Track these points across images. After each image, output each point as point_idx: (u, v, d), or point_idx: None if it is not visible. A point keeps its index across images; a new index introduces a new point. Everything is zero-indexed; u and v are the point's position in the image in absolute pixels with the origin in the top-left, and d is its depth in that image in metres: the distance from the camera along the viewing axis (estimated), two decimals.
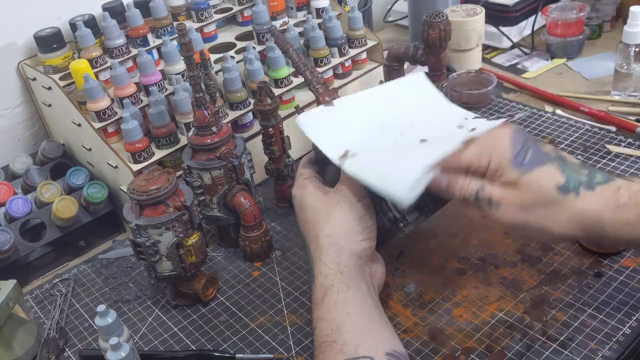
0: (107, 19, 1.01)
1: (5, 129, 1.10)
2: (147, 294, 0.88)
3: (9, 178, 1.04)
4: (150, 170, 0.79)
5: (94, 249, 0.99)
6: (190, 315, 0.83)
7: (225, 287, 0.87)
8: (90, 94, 0.94)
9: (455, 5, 1.28)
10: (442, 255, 0.86)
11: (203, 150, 0.86)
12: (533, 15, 1.38)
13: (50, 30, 1.02)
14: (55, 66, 1.01)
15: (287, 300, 0.83)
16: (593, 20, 1.36)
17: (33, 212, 0.96)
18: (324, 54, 1.11)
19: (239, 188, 0.89)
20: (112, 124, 0.97)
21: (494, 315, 0.76)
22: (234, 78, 1.00)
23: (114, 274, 0.93)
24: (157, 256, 0.78)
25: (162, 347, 0.79)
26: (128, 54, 1.03)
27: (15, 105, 1.09)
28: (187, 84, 0.96)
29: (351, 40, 1.15)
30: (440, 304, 0.79)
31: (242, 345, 0.78)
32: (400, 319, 0.78)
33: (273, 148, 0.95)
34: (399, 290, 0.82)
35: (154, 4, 1.05)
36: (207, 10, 1.12)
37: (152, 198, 0.75)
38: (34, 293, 0.91)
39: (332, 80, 1.14)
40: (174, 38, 1.05)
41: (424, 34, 0.98)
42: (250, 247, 0.89)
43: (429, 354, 0.73)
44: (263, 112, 0.92)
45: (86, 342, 0.82)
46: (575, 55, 1.32)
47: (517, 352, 0.71)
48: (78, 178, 1.00)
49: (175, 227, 0.77)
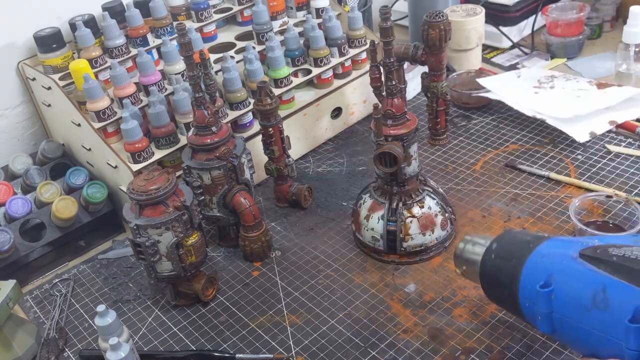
0: (107, 19, 1.01)
1: (5, 129, 1.10)
2: (147, 294, 0.88)
3: (8, 178, 1.04)
4: (150, 170, 0.79)
5: (93, 249, 0.99)
6: (190, 315, 0.83)
7: (225, 287, 0.87)
8: (90, 94, 0.94)
9: (455, 5, 1.28)
10: (442, 255, 0.87)
11: (203, 150, 0.86)
12: (533, 15, 1.38)
13: (50, 30, 1.02)
14: (55, 66, 1.01)
15: (286, 300, 0.83)
16: (593, 20, 1.36)
17: (33, 212, 0.95)
18: (323, 54, 1.11)
19: (239, 188, 0.89)
20: (111, 124, 0.97)
21: (494, 315, 0.76)
22: (233, 78, 1.00)
23: (113, 274, 0.93)
24: (157, 256, 0.78)
25: (162, 347, 0.79)
26: (128, 54, 1.03)
27: (15, 105, 1.09)
28: (186, 84, 0.96)
29: (351, 40, 1.15)
30: (440, 304, 0.79)
31: (242, 345, 0.78)
32: (400, 319, 0.78)
33: (273, 148, 0.95)
34: (399, 290, 0.82)
35: (153, 3, 1.05)
36: (207, 10, 1.12)
37: (152, 198, 0.75)
38: (34, 293, 0.91)
39: (332, 80, 1.14)
40: (173, 38, 1.05)
41: (424, 34, 0.97)
42: (250, 247, 0.89)
43: (429, 354, 0.72)
44: (263, 112, 0.92)
45: (86, 342, 0.82)
46: (575, 55, 1.31)
47: (517, 352, 0.71)
48: (78, 178, 1.00)
49: (175, 227, 0.77)
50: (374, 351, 0.74)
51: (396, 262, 0.86)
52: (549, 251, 0.61)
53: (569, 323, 0.56)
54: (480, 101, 1.19)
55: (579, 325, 0.55)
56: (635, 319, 0.50)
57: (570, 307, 0.56)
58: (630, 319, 0.50)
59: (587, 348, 0.56)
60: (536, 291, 0.58)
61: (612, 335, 0.52)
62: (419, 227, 0.84)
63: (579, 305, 0.55)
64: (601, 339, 0.53)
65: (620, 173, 0.96)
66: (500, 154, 1.05)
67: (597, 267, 0.55)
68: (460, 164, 1.05)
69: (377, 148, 0.81)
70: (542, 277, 0.58)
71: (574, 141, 1.04)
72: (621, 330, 0.51)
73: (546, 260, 0.60)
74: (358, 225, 0.88)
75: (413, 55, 1.01)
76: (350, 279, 0.85)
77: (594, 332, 0.54)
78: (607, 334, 0.53)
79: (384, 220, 0.85)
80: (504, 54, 1.38)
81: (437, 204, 0.86)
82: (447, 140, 1.10)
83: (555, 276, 0.58)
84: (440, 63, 1.01)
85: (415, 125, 0.83)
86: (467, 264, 0.70)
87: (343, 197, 1.01)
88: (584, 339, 0.55)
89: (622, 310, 0.51)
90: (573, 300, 0.56)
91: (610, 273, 0.54)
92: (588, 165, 0.99)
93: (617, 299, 0.52)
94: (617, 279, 0.53)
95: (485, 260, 0.67)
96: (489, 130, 1.12)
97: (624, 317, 0.50)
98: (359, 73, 1.17)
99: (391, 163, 0.82)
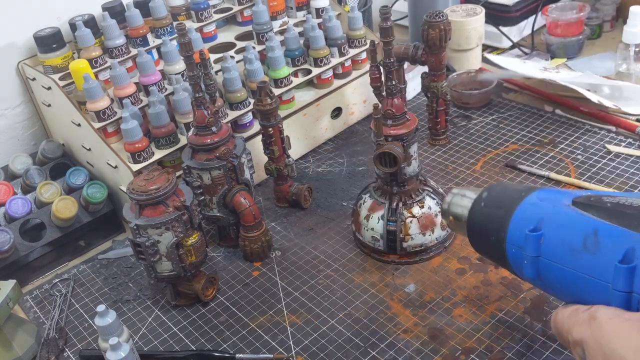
0: (107, 19, 1.01)
1: (5, 129, 1.10)
2: (146, 294, 0.88)
3: (8, 178, 1.04)
4: (150, 170, 0.79)
5: (93, 249, 0.99)
6: (190, 315, 0.83)
7: (225, 287, 0.87)
8: (90, 94, 0.94)
9: (455, 5, 1.28)
10: (442, 255, 0.87)
11: (203, 150, 0.86)
12: (533, 15, 1.38)
13: (50, 30, 1.02)
14: (55, 66, 1.01)
15: (286, 300, 0.83)
16: (593, 20, 1.36)
17: (33, 212, 0.95)
18: (323, 54, 1.11)
19: (239, 188, 0.89)
20: (111, 124, 0.97)
21: (494, 315, 0.76)
22: (233, 78, 1.00)
23: (113, 274, 0.93)
24: (157, 256, 0.78)
25: (162, 347, 0.79)
26: (128, 53, 1.03)
27: (15, 105, 1.09)
28: (186, 84, 0.96)
29: (351, 40, 1.15)
30: (440, 304, 0.79)
31: (242, 345, 0.78)
32: (400, 319, 0.78)
33: (273, 148, 0.95)
34: (399, 290, 0.82)
35: (153, 3, 1.05)
36: (207, 10, 1.11)
37: (152, 198, 0.75)
38: (34, 293, 0.91)
39: (332, 80, 1.14)
40: (173, 38, 1.05)
41: (424, 34, 0.98)
42: (250, 247, 0.89)
43: (429, 354, 0.72)
44: (263, 112, 0.92)
45: (86, 342, 0.82)
46: (575, 55, 1.31)
47: (517, 352, 0.71)
48: (78, 178, 1.00)
49: (175, 227, 0.77)
50: (374, 351, 0.74)
51: (396, 262, 0.86)
52: (540, 198, 0.60)
53: (556, 267, 0.55)
54: (481, 101, 1.19)
55: (566, 269, 0.54)
56: (626, 260, 0.49)
57: (559, 250, 0.55)
58: (621, 260, 0.49)
59: (572, 294, 0.55)
60: (525, 235, 0.57)
61: (601, 278, 0.51)
62: (419, 227, 0.84)
63: (568, 249, 0.54)
64: (589, 283, 0.52)
65: (620, 173, 0.96)
66: (500, 154, 1.05)
67: (590, 213, 0.54)
68: (460, 164, 1.05)
69: (377, 148, 0.81)
70: (532, 222, 0.57)
71: (574, 141, 1.05)
72: (610, 272, 0.50)
73: (537, 206, 0.59)
74: (358, 225, 0.88)
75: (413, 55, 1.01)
76: (350, 279, 0.85)
77: (581, 276, 0.53)
78: (596, 277, 0.52)
79: (384, 220, 0.85)
80: (504, 54, 1.38)
81: (437, 204, 0.86)
82: (447, 140, 1.11)
83: (545, 221, 0.57)
84: (440, 63, 1.01)
85: (415, 125, 0.83)
86: (455, 215, 0.68)
87: (343, 197, 1.01)
88: (571, 283, 0.54)
89: (613, 252, 0.50)
90: (563, 244, 0.55)
91: (602, 218, 0.53)
92: (588, 165, 0.99)
93: (609, 241, 0.51)
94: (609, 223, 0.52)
95: (474, 210, 0.66)
96: (489, 130, 1.12)
97: (615, 258, 0.49)
98: (359, 73, 1.17)
99: (391, 163, 0.82)
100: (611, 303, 0.50)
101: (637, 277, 0.48)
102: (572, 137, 1.06)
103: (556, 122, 1.11)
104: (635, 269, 0.48)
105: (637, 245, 0.49)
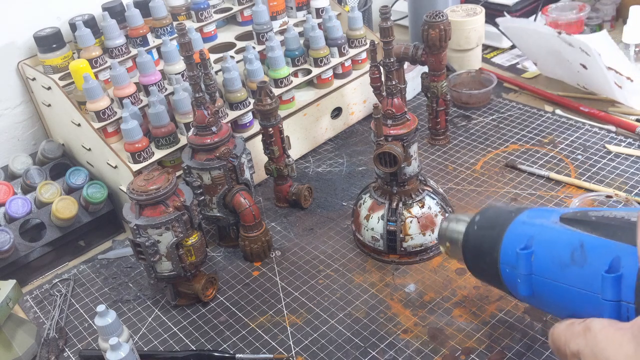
0: (107, 19, 1.01)
1: (5, 129, 1.10)
2: (146, 294, 0.88)
3: (8, 178, 1.04)
4: (150, 170, 0.79)
5: (93, 249, 0.99)
6: (190, 315, 0.83)
7: (225, 287, 0.87)
8: (90, 94, 0.94)
9: (455, 5, 1.28)
10: (442, 255, 0.87)
11: (203, 150, 0.86)
12: (533, 15, 1.38)
13: (50, 30, 1.02)
14: (55, 66, 1.01)
15: (286, 300, 0.83)
16: (593, 20, 1.36)
17: (33, 212, 0.95)
18: (323, 54, 1.11)
19: (239, 188, 0.89)
20: (111, 124, 0.97)
21: (494, 315, 0.76)
22: (233, 78, 1.00)
23: (113, 274, 0.93)
24: (157, 256, 0.78)
25: (161, 347, 0.79)
26: (128, 53, 1.03)
27: (15, 105, 1.09)
28: (186, 84, 0.96)
29: (351, 40, 1.15)
30: (440, 304, 0.79)
31: (242, 345, 0.78)
32: (400, 319, 0.78)
33: (273, 148, 0.95)
34: (399, 290, 0.82)
35: (153, 3, 1.05)
36: (207, 10, 1.12)
37: (152, 198, 0.75)
38: (34, 293, 0.91)
39: (332, 80, 1.14)
40: (173, 38, 1.05)
41: (424, 34, 0.98)
42: (250, 247, 0.89)
43: (429, 354, 0.73)
44: (263, 112, 0.92)
45: (86, 342, 0.82)
46: None
47: (517, 352, 0.71)
48: (78, 178, 1.00)
49: (175, 227, 0.77)
50: (374, 351, 0.74)
51: (396, 262, 0.86)
52: (530, 217, 0.62)
53: (549, 283, 0.56)
54: (481, 101, 1.19)
55: (558, 284, 0.55)
56: (612, 269, 0.50)
57: (550, 266, 0.56)
58: (607, 269, 0.50)
59: (566, 308, 0.56)
60: (516, 253, 0.58)
61: (590, 290, 0.52)
62: (419, 227, 0.84)
63: (558, 264, 0.55)
64: (580, 296, 0.54)
65: (620, 173, 0.96)
66: (500, 154, 1.05)
67: (576, 227, 0.55)
68: (460, 164, 1.05)
69: (377, 148, 0.81)
70: (523, 240, 0.59)
71: (574, 141, 1.05)
72: (598, 283, 0.51)
73: (527, 225, 0.61)
74: (358, 225, 0.88)
75: (413, 55, 1.01)
76: (350, 279, 0.85)
77: (572, 290, 0.54)
78: (586, 289, 0.53)
79: (384, 220, 0.85)
80: (504, 54, 1.38)
81: (437, 204, 0.86)
82: (447, 140, 1.11)
83: (535, 238, 0.58)
84: (440, 63, 1.01)
85: (415, 125, 0.83)
86: (451, 240, 0.70)
87: (343, 197, 1.01)
88: (564, 297, 0.55)
89: (599, 263, 0.51)
90: (553, 260, 0.56)
91: (588, 231, 0.54)
92: (588, 165, 0.99)
93: (595, 253, 0.53)
94: (594, 235, 0.53)
95: (469, 233, 0.67)
96: (489, 130, 1.12)
97: (601, 269, 0.50)
98: (359, 73, 1.17)
99: (391, 163, 0.82)
100: (603, 314, 0.51)
101: (624, 285, 0.49)
102: (572, 137, 1.06)
103: (556, 122, 1.11)
104: (621, 277, 0.49)
105: (622, 254, 0.50)
